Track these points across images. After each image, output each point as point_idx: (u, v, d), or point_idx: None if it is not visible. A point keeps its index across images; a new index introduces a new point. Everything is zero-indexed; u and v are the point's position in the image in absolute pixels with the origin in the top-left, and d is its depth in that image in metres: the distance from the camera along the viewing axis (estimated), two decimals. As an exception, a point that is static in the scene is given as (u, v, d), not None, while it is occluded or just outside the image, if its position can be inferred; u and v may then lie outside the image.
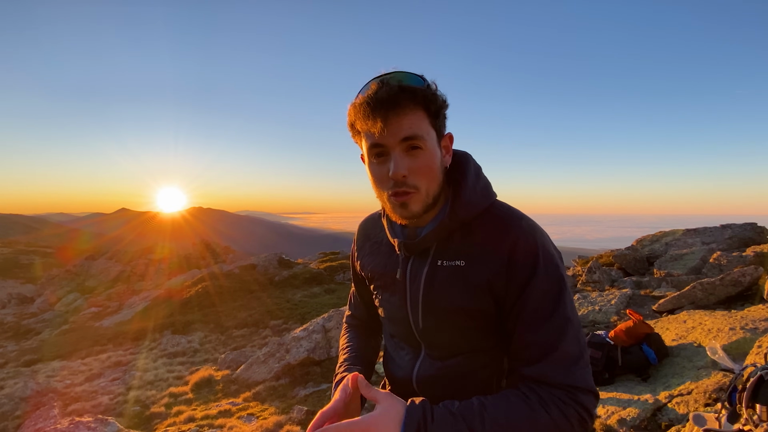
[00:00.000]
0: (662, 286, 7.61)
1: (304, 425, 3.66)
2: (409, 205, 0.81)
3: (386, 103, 0.74)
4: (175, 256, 25.04)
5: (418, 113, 0.78)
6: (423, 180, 0.80)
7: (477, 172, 0.90)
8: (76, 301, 16.20)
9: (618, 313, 5.76)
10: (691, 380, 3.10)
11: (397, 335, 1.01)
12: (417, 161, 0.79)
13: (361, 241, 1.08)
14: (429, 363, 0.94)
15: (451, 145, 0.89)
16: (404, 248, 0.91)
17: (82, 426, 3.72)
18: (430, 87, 0.79)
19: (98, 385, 6.60)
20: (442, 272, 0.87)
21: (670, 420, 2.75)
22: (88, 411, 5.25)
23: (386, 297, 0.99)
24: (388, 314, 1.00)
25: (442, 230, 0.86)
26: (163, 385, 6.32)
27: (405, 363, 0.99)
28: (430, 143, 0.80)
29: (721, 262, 7.83)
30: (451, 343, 0.91)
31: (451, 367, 0.91)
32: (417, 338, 0.95)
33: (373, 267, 1.01)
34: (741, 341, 3.42)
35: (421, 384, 0.95)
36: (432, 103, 0.79)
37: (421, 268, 0.89)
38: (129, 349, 9.35)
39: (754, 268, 5.77)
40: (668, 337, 4.08)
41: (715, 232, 10.51)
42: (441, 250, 0.88)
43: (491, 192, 0.90)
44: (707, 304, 5.64)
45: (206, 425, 4.15)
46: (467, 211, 0.85)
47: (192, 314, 11.91)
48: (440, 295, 0.87)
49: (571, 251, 16.56)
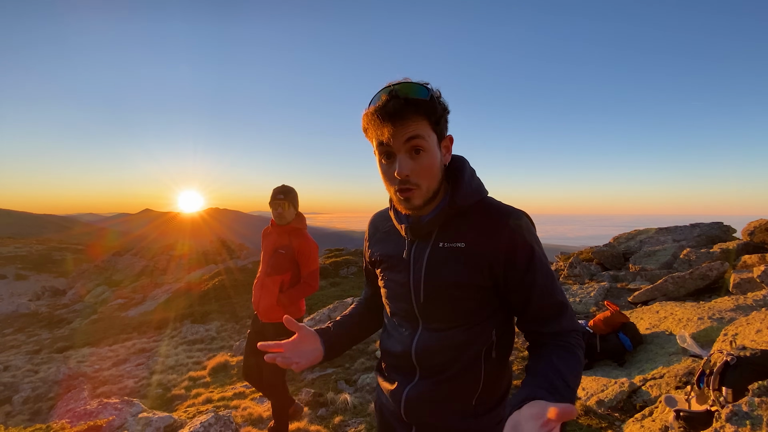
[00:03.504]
0: (637, 280, 7.60)
1: (312, 406, 3.66)
2: (412, 200, 0.88)
3: (393, 115, 0.81)
4: (194, 252, 25.01)
5: (421, 122, 0.84)
6: (424, 179, 0.87)
7: (472, 172, 0.97)
8: (104, 294, 16.19)
9: (597, 304, 5.76)
10: (663, 365, 3.10)
11: (398, 313, 1.03)
12: (419, 163, 0.86)
13: (372, 232, 1.13)
14: (427, 335, 0.96)
15: (451, 145, 0.94)
16: (410, 232, 0.96)
17: (110, 407, 3.72)
18: (433, 97, 0.85)
19: (124, 370, 6.61)
20: (443, 252, 0.92)
21: (644, 401, 2.75)
22: (115, 393, 5.25)
23: (391, 277, 1.02)
24: (391, 293, 1.03)
25: (442, 216, 0.92)
26: (183, 369, 6.32)
27: (404, 338, 1.00)
28: (431, 146, 0.86)
29: (690, 258, 7.83)
30: (448, 316, 0.94)
31: (447, 339, 0.94)
32: (416, 314, 0.98)
33: (382, 252, 1.05)
34: (708, 330, 3.42)
35: (419, 355, 0.96)
36: (433, 113, 0.85)
37: (425, 249, 0.94)
38: (152, 337, 9.34)
39: (720, 264, 5.77)
40: (642, 326, 4.08)
41: (685, 230, 10.51)
42: (442, 233, 0.93)
43: (484, 188, 0.97)
44: (678, 296, 5.64)
45: (222, 406, 4.15)
46: (464, 200, 0.91)
47: (209, 305, 11.90)
48: (441, 272, 0.92)
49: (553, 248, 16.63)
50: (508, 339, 0.99)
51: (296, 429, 3.18)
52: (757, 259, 6.42)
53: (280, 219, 2.62)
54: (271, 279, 2.65)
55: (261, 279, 2.71)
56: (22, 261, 28.71)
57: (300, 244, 2.65)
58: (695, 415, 2.07)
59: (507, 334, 0.98)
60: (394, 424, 1.05)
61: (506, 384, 1.01)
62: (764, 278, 4.98)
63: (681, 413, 2.12)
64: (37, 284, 24.35)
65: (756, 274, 5.12)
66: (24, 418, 4.90)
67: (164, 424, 3.45)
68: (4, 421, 4.82)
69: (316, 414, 3.50)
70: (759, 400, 1.76)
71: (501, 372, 0.98)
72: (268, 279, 2.66)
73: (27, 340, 10.89)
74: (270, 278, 2.65)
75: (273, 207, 2.61)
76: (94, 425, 3.24)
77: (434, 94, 0.85)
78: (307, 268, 2.69)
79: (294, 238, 2.66)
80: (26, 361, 7.92)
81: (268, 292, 2.65)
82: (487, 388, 0.95)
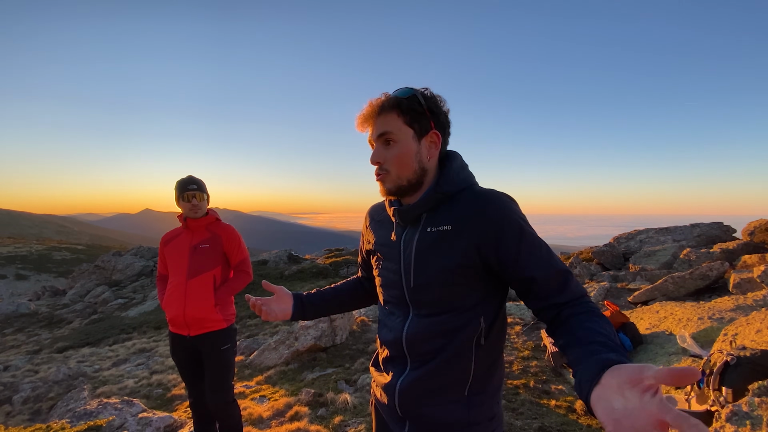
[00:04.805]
0: (637, 280, 7.60)
1: (312, 406, 3.66)
2: (384, 183, 0.99)
3: (370, 113, 0.97)
4: (194, 252, 24.88)
5: (392, 116, 0.95)
6: (393, 166, 0.97)
7: (462, 165, 1.03)
8: (104, 293, 16.18)
9: (597, 304, 5.76)
10: (663, 365, 3.10)
11: (391, 300, 1.05)
12: (389, 152, 0.97)
13: (368, 222, 1.20)
14: (417, 321, 0.98)
15: (438, 141, 0.99)
16: (398, 215, 1.02)
17: (110, 407, 3.72)
18: (412, 99, 0.95)
19: (124, 370, 6.60)
20: (431, 236, 0.96)
21: (644, 401, 2.75)
22: (115, 393, 5.25)
23: (384, 264, 1.07)
24: (384, 281, 1.07)
25: (429, 200, 0.97)
26: (183, 369, 6.29)
27: (396, 325, 1.02)
28: (401, 139, 0.96)
29: (690, 258, 7.83)
30: (437, 301, 0.96)
31: (437, 324, 0.95)
32: (407, 300, 1.00)
33: (377, 239, 1.11)
34: (708, 330, 3.42)
35: (410, 341, 0.98)
36: (408, 112, 0.95)
37: (414, 234, 0.99)
38: (152, 337, 9.34)
39: (720, 263, 5.78)
40: (642, 326, 4.08)
41: (685, 230, 10.51)
42: (430, 218, 0.98)
43: (473, 179, 1.02)
44: (678, 296, 5.64)
45: (222, 406, 4.15)
46: (450, 186, 0.97)
47: (209, 305, 11.85)
48: (429, 256, 0.95)
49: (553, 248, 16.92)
50: (499, 329, 0.98)
51: (296, 429, 3.18)
52: (757, 259, 6.42)
53: (196, 212, 2.36)
54: (198, 280, 2.31)
55: (180, 286, 2.30)
56: (22, 261, 28.72)
57: (227, 233, 2.43)
58: (695, 415, 2.07)
59: (497, 323, 0.97)
60: (388, 420, 1.07)
61: (498, 379, 1.01)
62: (764, 278, 4.98)
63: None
64: (37, 284, 24.35)
65: (756, 274, 5.12)
66: (24, 418, 4.90)
67: (164, 424, 3.45)
68: (4, 421, 4.82)
69: (316, 414, 3.50)
70: (759, 400, 1.76)
71: (492, 363, 0.98)
72: (193, 282, 2.30)
73: (27, 340, 10.89)
74: (196, 279, 2.31)
75: (185, 200, 2.34)
76: (94, 425, 3.24)
77: (418, 97, 0.95)
78: (239, 256, 2.45)
79: (217, 229, 2.43)
80: (26, 361, 7.91)
81: (198, 297, 2.29)
82: (478, 378, 0.95)
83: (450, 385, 0.95)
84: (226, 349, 2.33)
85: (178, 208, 2.42)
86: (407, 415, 0.99)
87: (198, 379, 2.38)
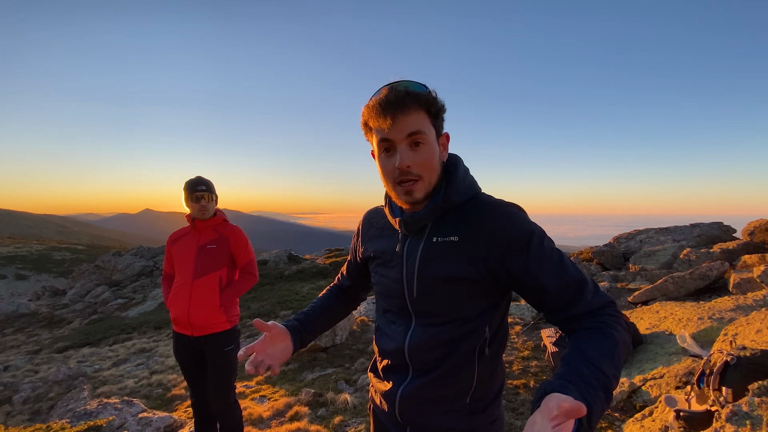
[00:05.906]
0: (637, 280, 7.60)
1: (312, 406, 3.66)
2: (414, 192, 0.89)
3: (394, 105, 0.83)
4: (194, 252, 24.86)
5: (421, 114, 0.86)
6: (425, 170, 0.88)
7: (465, 170, 0.98)
8: (104, 293, 16.18)
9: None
10: (663, 365, 3.10)
11: (391, 309, 1.01)
12: (420, 154, 0.87)
13: (366, 228, 1.13)
14: (420, 331, 0.95)
15: (447, 143, 0.95)
16: (404, 225, 0.95)
17: (110, 407, 3.72)
18: (431, 93, 0.88)
19: (124, 370, 6.60)
20: (437, 247, 0.91)
21: (644, 401, 2.75)
22: (115, 393, 5.24)
23: (384, 273, 1.02)
24: (384, 290, 1.02)
25: (436, 210, 0.92)
26: (183, 369, 6.29)
27: (397, 335, 0.98)
28: (430, 139, 0.88)
29: (690, 258, 7.83)
30: (441, 311, 0.92)
31: (440, 334, 0.92)
32: (409, 309, 0.96)
33: (376, 248, 1.05)
34: (708, 330, 3.42)
35: (412, 351, 0.95)
36: (432, 106, 0.87)
37: (418, 244, 0.94)
38: (152, 337, 9.33)
39: (720, 263, 5.78)
40: (642, 326, 4.08)
41: (685, 230, 10.51)
42: (435, 228, 0.93)
43: (477, 185, 0.98)
44: (678, 296, 5.64)
45: (222, 406, 4.15)
46: (458, 196, 0.92)
47: (209, 305, 11.84)
48: (434, 266, 0.91)
49: (554, 248, 16.43)
50: (502, 337, 0.97)
51: (296, 429, 3.18)
52: (757, 259, 6.42)
53: (204, 213, 2.36)
54: (203, 280, 2.31)
55: (185, 286, 2.30)
56: (22, 261, 28.72)
57: (235, 234, 2.44)
58: (695, 415, 2.07)
59: (500, 331, 0.96)
60: (388, 426, 1.04)
61: (500, 383, 1.00)
62: (764, 278, 4.98)
63: (681, 413, 2.12)
64: (37, 284, 24.36)
65: (756, 274, 5.12)
66: (24, 418, 4.90)
67: (164, 424, 3.45)
68: (4, 421, 4.82)
69: (316, 414, 3.50)
70: (759, 400, 1.76)
71: (494, 370, 0.97)
72: (199, 282, 2.30)
73: (27, 340, 10.88)
74: (202, 279, 2.31)
75: (194, 201, 2.33)
76: (94, 425, 3.24)
77: (434, 94, 0.88)
78: (246, 257, 2.46)
79: (225, 230, 2.44)
80: (26, 361, 7.91)
81: (204, 297, 2.28)
82: (480, 386, 0.94)
83: (452, 394, 0.94)
84: (229, 350, 2.33)
85: (185, 208, 2.41)
86: (408, 423, 0.98)
87: (200, 379, 2.39)
